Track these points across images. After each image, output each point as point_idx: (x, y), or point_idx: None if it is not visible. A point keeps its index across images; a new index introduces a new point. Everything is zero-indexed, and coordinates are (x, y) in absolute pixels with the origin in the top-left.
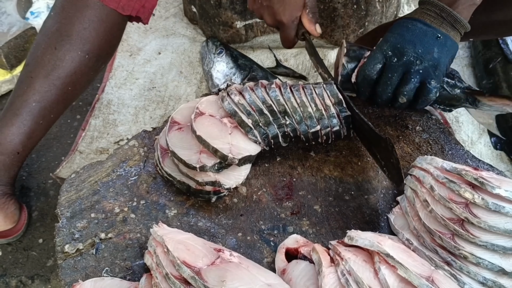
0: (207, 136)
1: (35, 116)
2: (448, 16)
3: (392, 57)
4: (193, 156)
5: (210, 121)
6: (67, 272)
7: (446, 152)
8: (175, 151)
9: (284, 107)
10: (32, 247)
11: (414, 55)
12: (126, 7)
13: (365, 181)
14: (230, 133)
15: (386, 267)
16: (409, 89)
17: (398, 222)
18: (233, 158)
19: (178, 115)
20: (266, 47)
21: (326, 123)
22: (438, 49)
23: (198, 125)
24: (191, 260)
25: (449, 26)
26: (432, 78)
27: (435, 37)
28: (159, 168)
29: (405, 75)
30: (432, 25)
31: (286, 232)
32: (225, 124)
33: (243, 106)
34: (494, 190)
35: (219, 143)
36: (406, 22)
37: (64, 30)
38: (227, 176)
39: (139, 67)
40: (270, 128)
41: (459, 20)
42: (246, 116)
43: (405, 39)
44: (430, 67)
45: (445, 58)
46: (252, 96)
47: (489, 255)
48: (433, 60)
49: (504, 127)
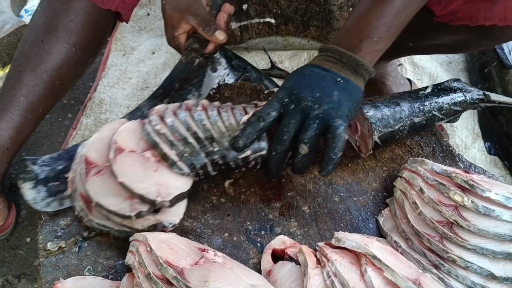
0: (131, 181)
1: (23, 110)
2: (349, 60)
3: (289, 104)
4: (124, 204)
5: (131, 159)
6: (49, 270)
7: (437, 155)
8: (100, 202)
9: (210, 133)
10: (20, 246)
11: (312, 99)
12: (105, 1)
13: (355, 182)
14: (155, 170)
15: (372, 269)
16: (309, 136)
17: (387, 224)
18: (163, 202)
19: (93, 153)
20: (261, 48)
21: (255, 146)
22: (338, 92)
23: (119, 167)
24: (174, 260)
25: (350, 71)
26: (336, 118)
27: (334, 81)
28: (86, 221)
29: (304, 121)
30: (331, 69)
31: (274, 233)
32: (148, 159)
33: (164, 136)
34: (484, 193)
35: (145, 187)
36: (303, 68)
37: (51, 23)
38: (168, 213)
39: (133, 67)
40: (197, 157)
41: (361, 64)
42: (169, 147)
43: (302, 85)
44: (331, 109)
45: (347, 101)
46: (175, 123)
47: (478, 259)
48: (333, 102)
49: (498, 132)
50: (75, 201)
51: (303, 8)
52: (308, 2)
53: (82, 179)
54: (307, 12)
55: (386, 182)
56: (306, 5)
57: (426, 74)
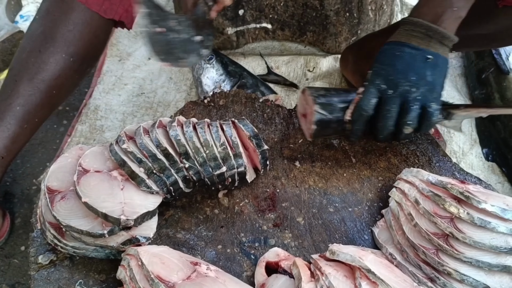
0: (94, 200)
1: (19, 120)
2: (436, 34)
3: (387, 90)
4: (94, 223)
5: (96, 179)
6: (40, 284)
7: (433, 164)
8: (70, 224)
9: (185, 148)
10: (14, 255)
11: (408, 83)
12: (108, 11)
13: (350, 193)
14: (122, 188)
15: (367, 283)
16: (412, 118)
17: (382, 236)
18: (127, 220)
19: (54, 182)
20: (257, 54)
21: (232, 163)
22: (430, 72)
23: (83, 187)
24: (165, 275)
25: (438, 43)
26: (432, 101)
27: (424, 59)
28: (61, 247)
29: (404, 105)
30: (420, 47)
31: (268, 245)
32: (115, 178)
33: (132, 153)
34: (480, 205)
35: (109, 205)
36: (393, 49)
37: (49, 32)
38: (141, 228)
39: (128, 73)
40: (167, 174)
41: (447, 36)
42: (137, 164)
43: (396, 69)
44: (427, 92)
45: (439, 78)
46: (144, 141)
47: (474, 272)
48: (428, 84)
49: (495, 138)
50: (46, 231)
51: (299, 14)
52: (304, 8)
53: (48, 208)
54: (303, 18)
55: (381, 192)
56: (302, 10)
57: None
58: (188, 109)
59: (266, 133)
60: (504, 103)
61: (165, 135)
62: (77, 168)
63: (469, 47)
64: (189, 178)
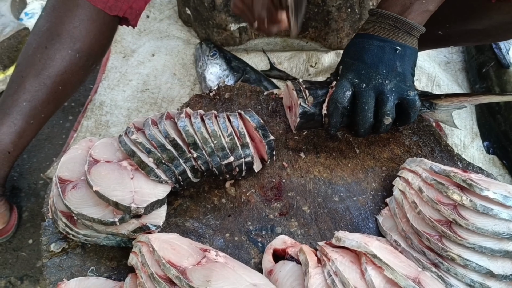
0: (106, 189)
1: (26, 115)
2: (403, 25)
3: (360, 83)
4: (105, 211)
5: (107, 168)
6: (52, 271)
7: (436, 155)
8: (82, 212)
9: (193, 138)
10: (22, 248)
11: (380, 76)
12: (113, 8)
13: (354, 182)
14: (132, 177)
15: (372, 268)
16: (390, 107)
17: (386, 224)
18: (138, 208)
19: (65, 172)
20: (260, 50)
21: (239, 153)
22: (400, 63)
23: (94, 177)
24: (176, 260)
25: (406, 34)
26: (407, 90)
27: (394, 50)
28: (73, 235)
29: (380, 96)
30: (388, 39)
31: (274, 233)
32: (125, 167)
33: (141, 144)
34: (483, 192)
35: (119, 194)
36: (361, 42)
37: (55, 29)
38: (150, 216)
39: (133, 69)
40: (176, 164)
41: (414, 27)
42: (146, 154)
43: (366, 63)
44: (400, 82)
45: (408, 67)
46: (153, 131)
47: (477, 257)
48: (399, 75)
49: (496, 131)
50: (58, 220)
51: None
52: (306, 4)
53: (59, 197)
54: (305, 14)
55: (385, 182)
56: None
57: (424, 74)
58: (194, 102)
59: (271, 125)
60: None
61: (173, 126)
62: (87, 158)
63: (465, 42)
64: (197, 168)
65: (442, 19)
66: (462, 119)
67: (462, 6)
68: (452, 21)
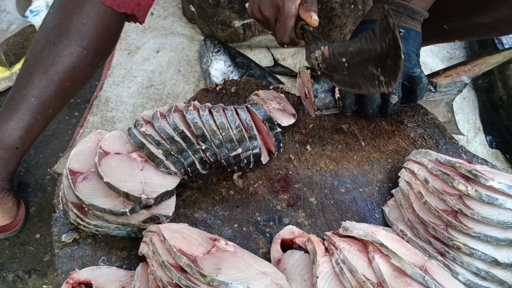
0: (116, 180)
1: (34, 111)
2: (406, 10)
3: None
4: (116, 201)
5: (117, 160)
6: (64, 261)
7: (440, 147)
8: (93, 203)
9: (202, 131)
10: (29, 242)
11: None
12: (121, 5)
13: (360, 174)
14: (141, 169)
15: (380, 256)
16: (396, 86)
17: (392, 214)
18: (148, 199)
19: (75, 164)
20: (264, 46)
21: (247, 145)
22: (404, 44)
23: (104, 168)
24: (187, 249)
25: (409, 18)
26: (412, 67)
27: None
28: (84, 226)
29: None
30: None
31: (282, 224)
32: (134, 159)
33: (151, 136)
34: (488, 182)
35: (130, 185)
36: (367, 27)
37: (63, 25)
38: (160, 207)
39: (138, 65)
40: (185, 156)
41: (417, 11)
42: (156, 146)
43: None
44: (405, 61)
45: (413, 47)
46: (162, 124)
47: (482, 246)
48: (404, 55)
49: (499, 126)
50: (69, 211)
51: None
52: None
53: (70, 189)
54: None
55: (391, 174)
56: None
57: (427, 69)
58: (201, 96)
59: None
60: (507, 91)
61: (182, 119)
62: (97, 150)
63: (471, 36)
64: (205, 160)
65: (448, 13)
66: (465, 113)
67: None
68: (458, 15)
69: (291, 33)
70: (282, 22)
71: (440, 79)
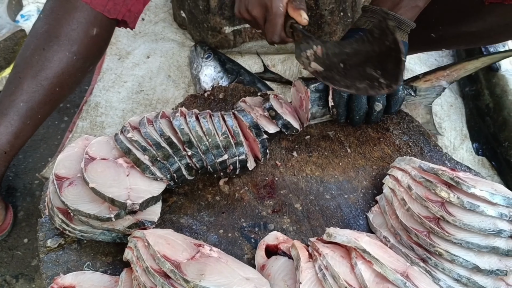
0: (102, 185)
1: (23, 116)
2: (392, 19)
3: None
4: (101, 207)
5: (103, 166)
6: (49, 266)
7: (425, 154)
8: (78, 208)
9: (188, 137)
10: (17, 247)
11: None
12: (112, 11)
13: (345, 180)
14: (127, 174)
15: (362, 262)
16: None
17: (376, 221)
18: (133, 204)
19: (62, 169)
20: (254, 52)
21: (233, 151)
22: None
23: (90, 174)
24: (171, 254)
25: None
26: None
27: None
28: (69, 231)
29: None
30: None
31: (267, 230)
32: (120, 165)
33: (137, 142)
34: (470, 190)
35: (115, 190)
36: (353, 36)
37: (53, 31)
38: (145, 213)
39: (128, 71)
40: (171, 162)
41: (403, 21)
42: (142, 152)
43: None
44: None
45: None
46: (148, 130)
47: (464, 253)
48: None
49: (485, 133)
50: (54, 216)
51: None
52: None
53: (56, 194)
54: None
55: (376, 180)
56: None
57: None
58: (189, 102)
59: None
60: (494, 99)
61: (168, 125)
62: (84, 156)
63: (458, 45)
64: (191, 166)
65: (435, 22)
66: (452, 121)
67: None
68: (445, 23)
69: (280, 32)
70: (271, 21)
71: (420, 83)
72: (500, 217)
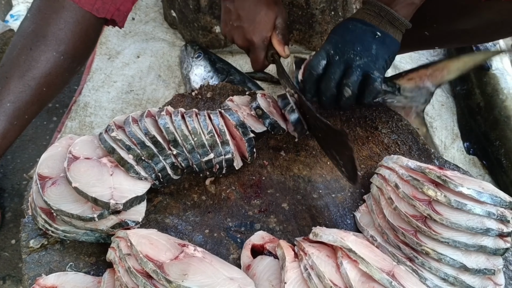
0: (85, 185)
1: (9, 116)
2: (387, 14)
3: (334, 55)
4: (84, 207)
5: (86, 165)
6: (31, 266)
7: (413, 153)
8: (61, 208)
9: (173, 136)
10: (5, 248)
11: (353, 52)
12: (100, 10)
13: (333, 180)
14: (111, 174)
15: (348, 262)
16: (352, 81)
17: (363, 220)
18: (116, 204)
19: (45, 169)
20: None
21: (219, 150)
22: (376, 46)
23: (73, 173)
24: (154, 254)
25: (388, 24)
26: (373, 69)
27: (373, 35)
28: (52, 231)
29: (347, 69)
30: (371, 24)
31: (253, 229)
32: (104, 164)
33: (121, 141)
34: (457, 188)
35: (98, 190)
36: (347, 23)
37: (40, 31)
38: (130, 212)
39: (117, 70)
40: (155, 161)
41: (397, 18)
42: (126, 151)
43: (345, 40)
44: (370, 62)
45: (384, 54)
46: (133, 129)
47: (451, 252)
48: (371, 56)
49: (476, 132)
50: (37, 216)
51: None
52: (290, 6)
53: (39, 194)
54: (290, 16)
55: (363, 179)
56: (288, 9)
57: None
58: (176, 101)
59: None
60: (485, 98)
61: (154, 124)
62: (67, 155)
63: (451, 43)
64: (177, 165)
65: (429, 19)
66: (443, 120)
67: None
68: (440, 21)
69: (263, 62)
70: (254, 53)
71: (403, 82)
72: (488, 216)
